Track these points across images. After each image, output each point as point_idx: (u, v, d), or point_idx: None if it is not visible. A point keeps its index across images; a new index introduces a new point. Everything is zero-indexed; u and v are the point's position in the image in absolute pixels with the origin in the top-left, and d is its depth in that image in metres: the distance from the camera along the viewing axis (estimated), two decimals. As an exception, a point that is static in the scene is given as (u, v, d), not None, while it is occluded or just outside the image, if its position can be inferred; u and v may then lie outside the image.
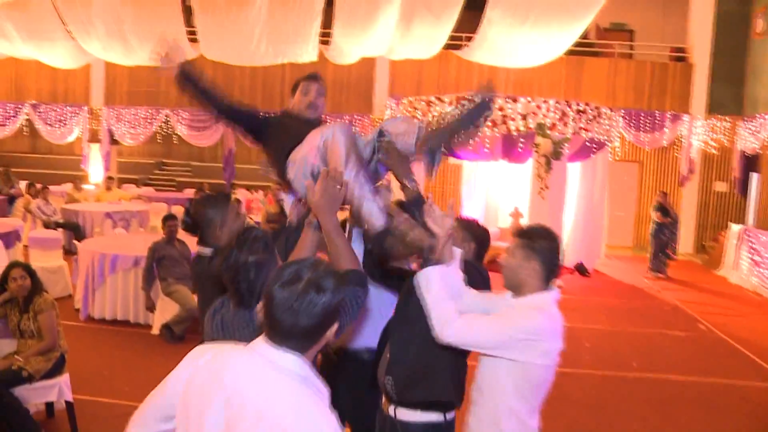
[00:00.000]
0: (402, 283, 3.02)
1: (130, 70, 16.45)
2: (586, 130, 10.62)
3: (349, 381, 3.26)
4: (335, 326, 1.69)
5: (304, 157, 2.70)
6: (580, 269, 11.56)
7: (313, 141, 2.67)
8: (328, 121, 3.17)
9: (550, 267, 2.59)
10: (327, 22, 13.22)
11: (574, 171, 11.60)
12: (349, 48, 13.86)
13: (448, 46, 13.78)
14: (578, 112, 10.50)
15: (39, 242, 8.46)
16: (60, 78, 17.43)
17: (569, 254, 11.95)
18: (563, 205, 10.56)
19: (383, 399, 2.94)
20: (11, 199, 12.65)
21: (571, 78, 15.62)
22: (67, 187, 14.33)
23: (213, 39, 13.57)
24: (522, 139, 10.42)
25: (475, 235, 3.08)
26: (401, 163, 2.77)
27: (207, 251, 3.01)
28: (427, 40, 13.34)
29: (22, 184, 13.54)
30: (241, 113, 3.06)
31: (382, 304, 3.17)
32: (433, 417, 2.76)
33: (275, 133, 2.99)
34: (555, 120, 10.32)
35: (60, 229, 10.55)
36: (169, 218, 7.17)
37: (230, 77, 17.36)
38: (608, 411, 5.77)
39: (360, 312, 2.10)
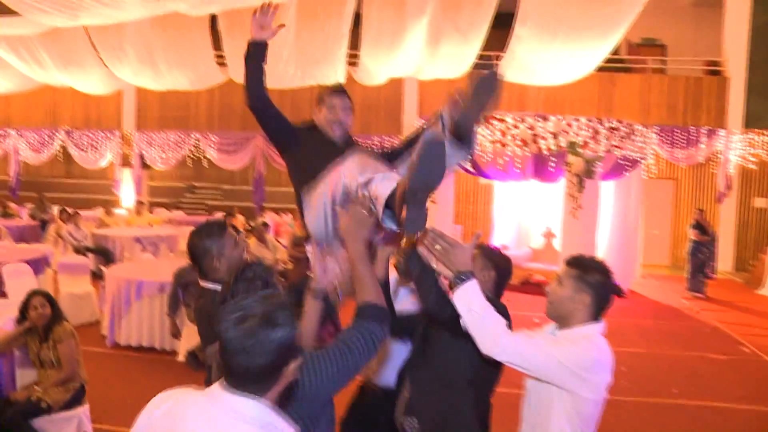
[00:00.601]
0: (410, 331, 2.90)
1: (160, 95, 16.67)
2: (619, 147, 10.37)
3: (389, 421, 3.16)
4: (295, 362, 1.59)
5: (320, 195, 2.53)
6: (615, 290, 11.22)
7: (331, 177, 2.51)
8: (355, 139, 3.01)
9: (601, 303, 2.45)
10: (354, 44, 13.21)
11: (607, 189, 11.33)
12: (377, 69, 13.85)
13: (476, 65, 13.66)
14: (610, 129, 10.26)
15: (67, 268, 8.47)
16: (93, 104, 17.74)
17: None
18: (597, 224, 10.29)
19: None
20: (44, 225, 12.79)
21: (603, 95, 15.39)
22: (99, 212, 14.47)
23: (241, 62, 13.60)
24: (553, 158, 10.21)
25: (496, 263, 2.91)
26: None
27: (210, 285, 2.87)
28: (456, 59, 13.26)
29: (56, 210, 13.68)
30: (276, 111, 2.91)
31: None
32: None
33: (299, 144, 2.89)
34: (587, 138, 10.10)
35: (91, 254, 10.60)
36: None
37: (259, 100, 17.45)
38: (647, 441, 5.52)
39: (380, 348, 1.98)
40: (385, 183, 2.22)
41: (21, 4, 9.87)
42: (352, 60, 13.77)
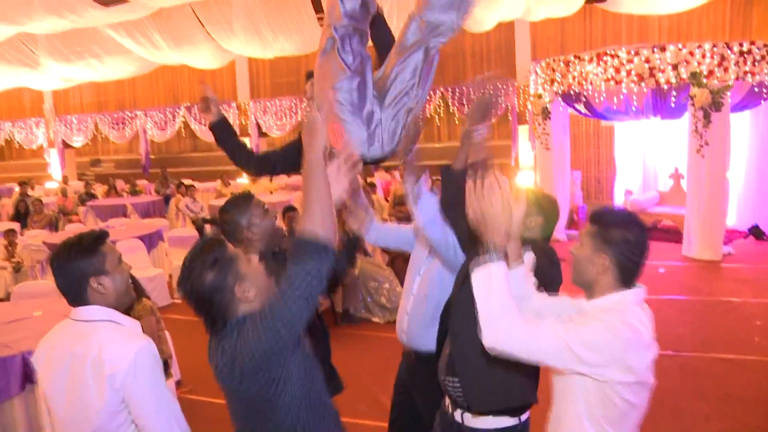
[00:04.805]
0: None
1: (271, 63, 16.89)
2: (752, 73, 9.23)
3: (423, 385, 3.05)
4: (94, 281, 2.20)
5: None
6: (755, 232, 10.18)
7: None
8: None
9: (626, 264, 2.04)
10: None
11: (741, 122, 10.20)
12: (483, 14, 13.16)
13: (590, 0, 12.68)
14: (741, 53, 9.14)
15: (178, 241, 8.75)
16: (208, 78, 18.26)
17: (741, 216, 10.62)
18: (727, 161, 9.25)
19: (446, 401, 2.67)
20: (167, 200, 13.36)
21: (737, 17, 13.83)
22: (217, 183, 14.95)
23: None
24: (674, 92, 9.27)
25: (543, 208, 2.70)
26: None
27: None
28: (567, -6, 12.36)
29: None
30: (277, 156, 3.19)
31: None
32: (507, 422, 2.50)
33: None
34: (713, 66, 9.07)
35: (208, 225, 10.94)
36: (288, 210, 7.06)
37: (368, 58, 17.29)
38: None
39: (321, 285, 1.87)
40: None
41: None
42: (457, 8, 13.17)
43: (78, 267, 2.20)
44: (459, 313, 2.59)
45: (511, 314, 1.91)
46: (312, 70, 3.19)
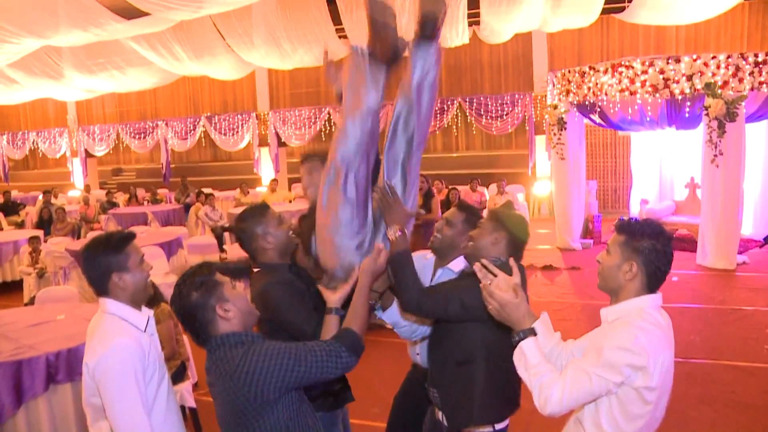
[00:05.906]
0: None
1: (290, 74, 17.11)
2: (767, 84, 9.24)
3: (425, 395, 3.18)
4: (116, 276, 2.46)
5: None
6: (771, 242, 10.19)
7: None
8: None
9: (654, 272, 2.20)
10: (474, 2, 12.74)
11: (757, 132, 10.21)
12: (500, 26, 13.30)
13: (607, 11, 12.75)
14: (757, 64, 9.15)
15: (197, 248, 8.92)
16: (229, 89, 18.59)
17: (757, 225, 10.62)
18: (742, 171, 9.24)
19: (432, 405, 2.99)
20: (187, 208, 13.56)
21: (754, 27, 13.86)
22: (237, 192, 15.15)
23: (362, 34, 13.59)
24: (689, 102, 9.31)
25: (505, 224, 2.81)
26: (393, 211, 2.66)
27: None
28: (583, 6, 12.43)
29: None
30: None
31: None
32: (483, 428, 2.75)
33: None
34: (727, 77, 9.09)
35: (227, 233, 11.11)
36: (305, 217, 7.18)
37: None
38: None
39: (339, 373, 2.19)
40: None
41: (148, 4, 10.41)
42: (474, 19, 13.32)
43: (103, 262, 2.48)
44: (435, 340, 2.92)
45: (550, 379, 2.09)
46: (306, 154, 3.35)
